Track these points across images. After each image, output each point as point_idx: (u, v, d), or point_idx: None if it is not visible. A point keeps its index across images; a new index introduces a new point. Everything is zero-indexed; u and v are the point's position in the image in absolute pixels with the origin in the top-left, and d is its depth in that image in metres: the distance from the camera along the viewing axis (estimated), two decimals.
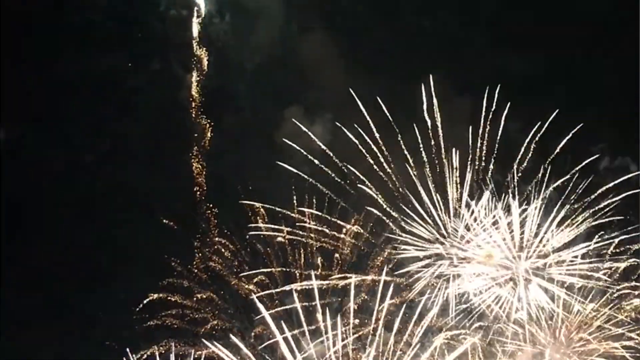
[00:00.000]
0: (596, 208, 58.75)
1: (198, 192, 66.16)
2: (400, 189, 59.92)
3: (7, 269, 71.06)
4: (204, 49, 71.98)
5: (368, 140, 60.70)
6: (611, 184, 59.17)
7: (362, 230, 60.72)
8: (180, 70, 72.68)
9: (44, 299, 70.73)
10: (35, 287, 70.88)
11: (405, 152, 60.71)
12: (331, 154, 60.95)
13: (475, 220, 58.47)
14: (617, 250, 58.03)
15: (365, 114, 60.95)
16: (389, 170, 60.44)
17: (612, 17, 74.89)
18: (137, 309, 63.76)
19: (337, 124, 61.68)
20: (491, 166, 59.66)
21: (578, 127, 59.94)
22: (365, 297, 58.66)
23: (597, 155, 60.20)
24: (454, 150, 59.80)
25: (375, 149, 60.57)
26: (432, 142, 60.84)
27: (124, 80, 73.32)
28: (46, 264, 71.63)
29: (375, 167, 60.53)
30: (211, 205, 62.77)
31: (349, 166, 59.93)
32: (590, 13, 74.65)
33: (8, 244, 72.33)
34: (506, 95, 61.94)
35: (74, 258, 71.04)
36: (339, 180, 61.23)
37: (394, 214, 58.96)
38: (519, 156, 59.48)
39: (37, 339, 68.63)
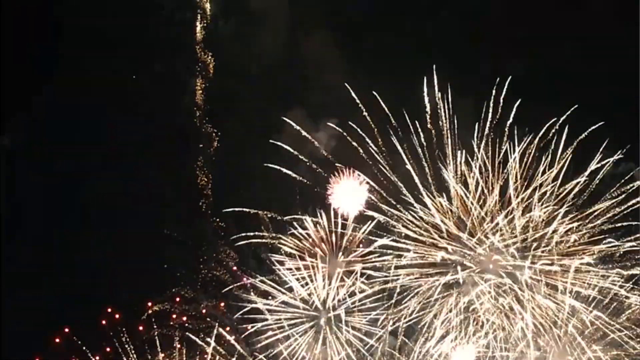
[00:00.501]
0: (598, 214, 58.63)
1: (204, 206, 65.86)
2: (402, 195, 59.52)
3: (7, 269, 71.13)
4: (209, 54, 71.48)
5: (371, 144, 60.26)
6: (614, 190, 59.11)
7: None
8: (185, 74, 72.31)
9: (45, 303, 70.62)
10: (36, 291, 70.81)
11: (409, 156, 60.21)
12: (333, 159, 60.48)
13: (480, 225, 58.34)
14: (621, 258, 58.05)
15: (368, 117, 60.59)
16: (391, 176, 60.08)
17: (612, 19, 74.93)
18: (142, 318, 63.62)
19: (338, 129, 61.10)
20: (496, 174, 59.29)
21: (597, 125, 59.51)
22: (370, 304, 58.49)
23: (605, 162, 59.62)
24: (459, 153, 59.54)
25: (378, 152, 60.15)
26: (435, 145, 60.38)
27: (129, 85, 73.05)
28: (47, 268, 71.61)
29: (377, 173, 60.15)
30: (218, 220, 62.52)
31: (356, 171, 59.48)
32: (591, 16, 74.61)
33: (8, 244, 72.39)
34: (509, 99, 61.67)
35: (76, 264, 71.03)
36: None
37: (394, 221, 58.59)
38: (525, 163, 59.07)
39: (37, 343, 68.60)
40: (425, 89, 60.90)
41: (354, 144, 60.03)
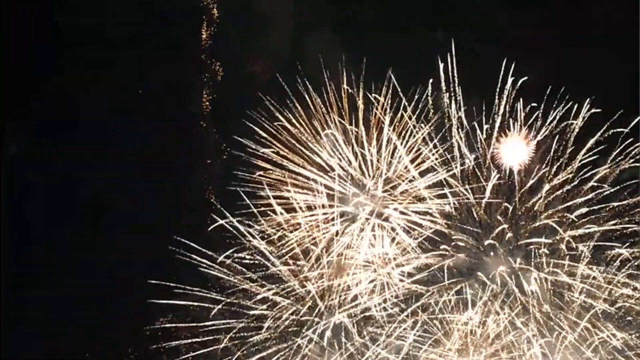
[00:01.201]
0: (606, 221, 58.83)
1: (209, 223, 65.38)
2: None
3: (7, 269, 71.13)
4: (217, 63, 71.23)
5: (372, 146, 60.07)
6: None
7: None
8: (191, 78, 72.15)
9: (45, 303, 70.58)
10: (36, 291, 70.81)
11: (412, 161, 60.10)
12: (333, 167, 60.31)
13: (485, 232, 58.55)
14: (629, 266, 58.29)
15: (371, 120, 60.47)
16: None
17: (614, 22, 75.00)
18: (146, 332, 63.66)
19: (339, 137, 60.85)
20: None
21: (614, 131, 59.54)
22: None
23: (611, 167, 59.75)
24: (467, 161, 59.51)
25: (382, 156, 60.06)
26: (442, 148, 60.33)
27: (132, 89, 72.91)
28: (47, 268, 71.57)
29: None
30: (225, 234, 62.20)
31: (361, 178, 59.40)
32: (593, 18, 74.65)
33: (9, 245, 72.37)
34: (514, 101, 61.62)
35: (75, 264, 70.93)
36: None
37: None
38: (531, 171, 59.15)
39: (37, 343, 68.63)
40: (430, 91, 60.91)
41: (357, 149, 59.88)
